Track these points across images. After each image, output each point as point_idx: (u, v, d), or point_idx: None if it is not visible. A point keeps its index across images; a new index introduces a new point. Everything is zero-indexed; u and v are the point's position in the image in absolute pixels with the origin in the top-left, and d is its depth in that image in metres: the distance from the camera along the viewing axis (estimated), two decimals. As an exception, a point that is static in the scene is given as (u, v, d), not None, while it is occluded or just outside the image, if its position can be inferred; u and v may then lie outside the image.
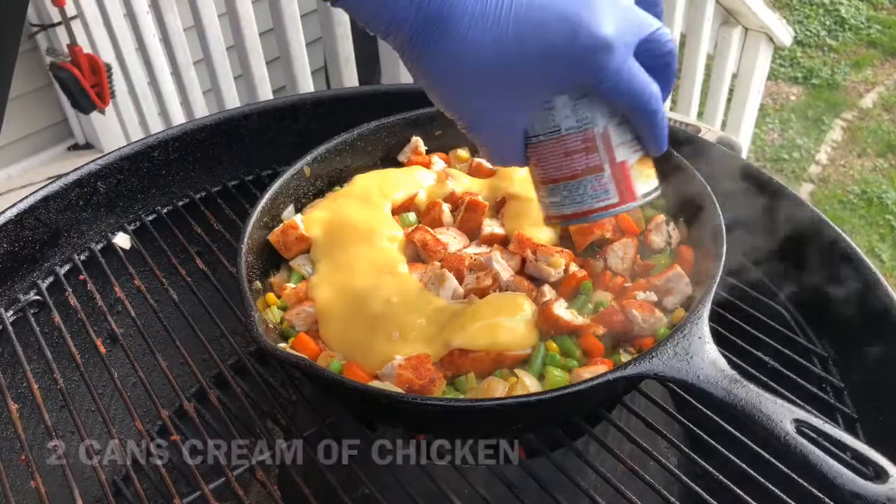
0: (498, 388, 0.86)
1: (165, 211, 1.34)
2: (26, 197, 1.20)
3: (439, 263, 1.01)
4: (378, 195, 1.10)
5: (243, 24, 2.68)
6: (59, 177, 1.24)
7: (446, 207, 1.11)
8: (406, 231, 1.07)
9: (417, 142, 1.23)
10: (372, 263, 1.00)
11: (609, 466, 0.89)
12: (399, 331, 0.91)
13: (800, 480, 0.82)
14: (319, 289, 0.98)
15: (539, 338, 0.91)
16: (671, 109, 3.57)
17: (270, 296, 1.00)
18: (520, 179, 1.12)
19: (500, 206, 1.11)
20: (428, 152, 1.23)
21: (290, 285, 1.02)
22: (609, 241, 1.03)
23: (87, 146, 3.34)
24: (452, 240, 1.07)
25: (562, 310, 0.91)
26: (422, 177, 1.16)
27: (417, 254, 1.05)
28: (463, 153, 1.24)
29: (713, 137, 1.34)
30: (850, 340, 1.09)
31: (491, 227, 1.08)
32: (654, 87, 0.73)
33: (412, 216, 1.11)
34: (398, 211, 1.11)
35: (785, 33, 3.58)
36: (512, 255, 1.03)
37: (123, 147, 1.32)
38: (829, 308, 1.13)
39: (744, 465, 0.84)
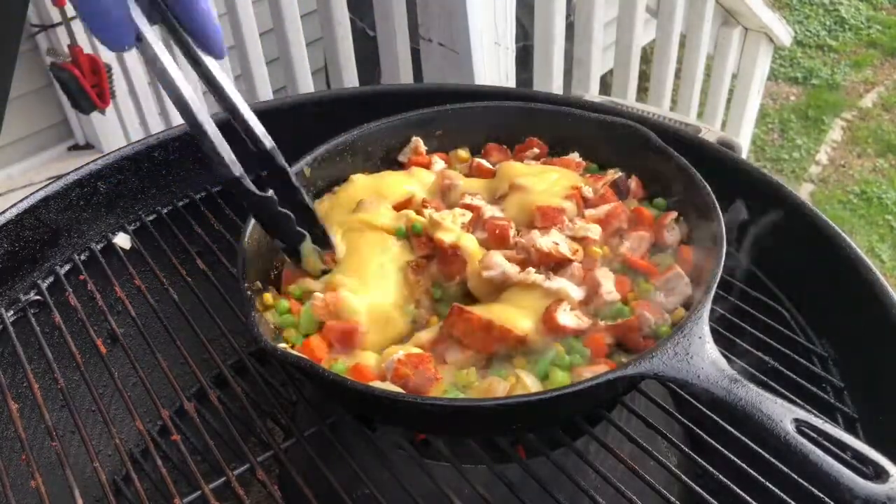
0: (498, 388, 0.86)
1: (166, 211, 1.34)
2: (27, 197, 1.20)
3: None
4: (375, 198, 1.10)
5: (243, 24, 2.68)
6: (59, 177, 1.24)
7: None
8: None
9: (418, 142, 1.23)
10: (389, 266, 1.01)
11: (609, 466, 0.89)
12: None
13: (800, 480, 0.82)
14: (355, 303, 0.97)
15: (535, 329, 0.91)
16: (671, 109, 3.57)
17: (268, 296, 1.00)
18: (522, 174, 1.12)
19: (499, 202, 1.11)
20: (428, 153, 1.23)
21: (318, 293, 0.97)
22: (626, 230, 1.04)
23: (88, 146, 3.34)
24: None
25: (565, 316, 0.91)
26: (421, 177, 1.16)
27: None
28: (463, 153, 1.24)
29: (713, 137, 1.34)
30: (850, 340, 1.09)
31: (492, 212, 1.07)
32: None
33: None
34: (399, 209, 1.10)
35: (785, 33, 3.58)
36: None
37: (124, 147, 1.32)
38: (829, 308, 1.13)
39: (744, 465, 0.84)
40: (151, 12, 0.84)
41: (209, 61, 0.88)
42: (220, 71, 0.90)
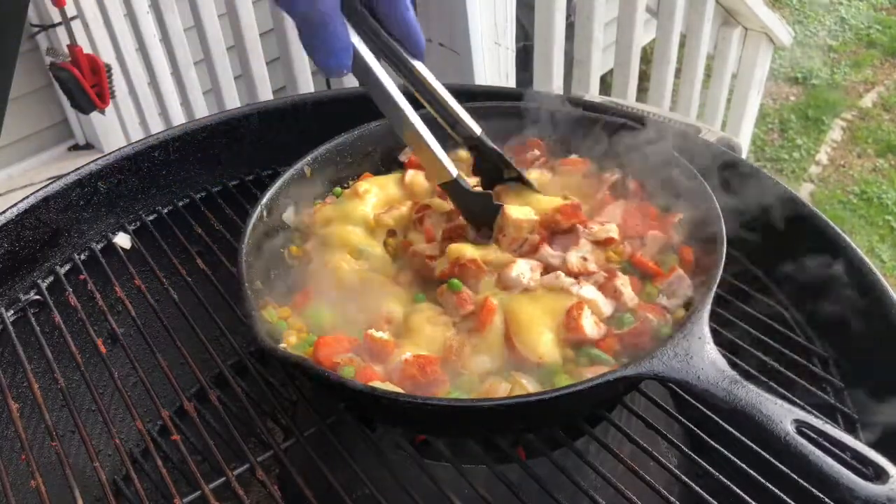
0: (499, 390, 0.86)
1: (166, 211, 1.34)
2: (27, 197, 1.20)
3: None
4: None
5: (243, 24, 2.68)
6: (59, 177, 1.24)
7: None
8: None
9: None
10: None
11: (609, 466, 0.89)
12: None
13: (800, 480, 0.82)
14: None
15: (551, 350, 0.90)
16: (671, 109, 3.57)
17: (271, 310, 0.99)
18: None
19: None
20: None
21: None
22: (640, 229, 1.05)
23: (88, 146, 3.34)
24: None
25: (589, 324, 0.91)
26: (417, 182, 1.16)
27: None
28: (464, 154, 1.24)
29: (713, 137, 1.33)
30: (850, 340, 1.09)
31: None
32: None
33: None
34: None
35: (785, 33, 3.58)
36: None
37: (124, 147, 1.32)
38: (829, 308, 1.13)
39: (744, 465, 0.84)
40: (360, 31, 0.91)
41: (417, 64, 0.97)
42: (428, 72, 0.98)
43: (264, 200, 1.06)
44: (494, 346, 0.91)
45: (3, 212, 1.17)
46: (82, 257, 1.25)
